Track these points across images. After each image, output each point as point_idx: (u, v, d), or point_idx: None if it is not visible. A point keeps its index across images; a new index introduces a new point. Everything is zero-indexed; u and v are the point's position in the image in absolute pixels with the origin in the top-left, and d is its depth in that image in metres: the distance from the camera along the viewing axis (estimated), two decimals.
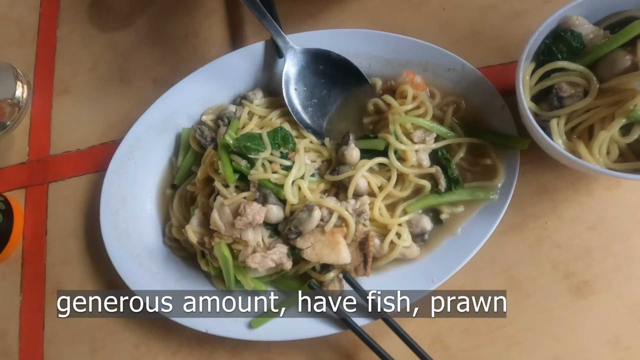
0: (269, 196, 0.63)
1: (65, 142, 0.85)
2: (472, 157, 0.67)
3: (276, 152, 0.65)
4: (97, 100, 0.86)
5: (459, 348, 0.63)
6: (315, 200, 0.62)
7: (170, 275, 0.69)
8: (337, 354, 0.65)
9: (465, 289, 0.64)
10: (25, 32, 0.95)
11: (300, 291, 0.64)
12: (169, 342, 0.70)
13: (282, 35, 0.71)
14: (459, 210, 0.65)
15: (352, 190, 0.63)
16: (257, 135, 0.65)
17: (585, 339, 0.61)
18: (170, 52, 0.86)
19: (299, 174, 0.64)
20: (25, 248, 0.80)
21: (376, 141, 0.65)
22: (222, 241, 0.63)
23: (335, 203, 0.62)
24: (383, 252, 0.63)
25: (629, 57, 0.56)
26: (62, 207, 0.81)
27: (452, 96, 0.68)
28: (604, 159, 0.57)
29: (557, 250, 0.64)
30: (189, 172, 0.74)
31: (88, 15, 0.93)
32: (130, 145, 0.74)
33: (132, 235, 0.71)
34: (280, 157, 0.65)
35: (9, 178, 0.85)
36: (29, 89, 0.89)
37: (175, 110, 0.75)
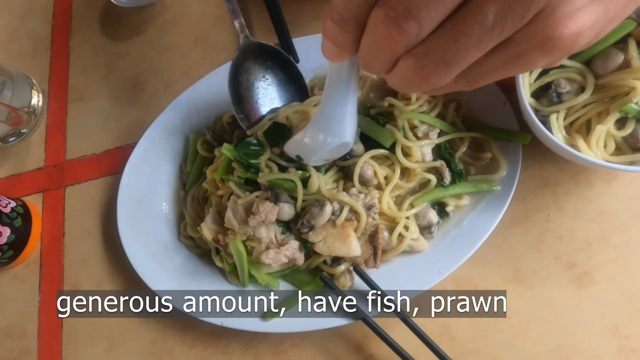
0: (280, 195, 0.65)
1: (81, 147, 0.87)
2: (475, 152, 0.69)
3: (277, 149, 0.67)
4: (111, 106, 0.89)
5: (466, 338, 0.65)
6: (330, 194, 0.65)
7: (186, 272, 0.71)
8: (348, 345, 0.67)
9: (472, 280, 0.67)
10: (39, 43, 0.97)
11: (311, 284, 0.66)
12: (184, 337, 0.72)
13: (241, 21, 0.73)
14: (464, 203, 0.67)
15: (357, 175, 0.65)
16: (254, 140, 0.67)
17: (586, 329, 0.63)
18: (180, 58, 0.89)
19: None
20: (44, 250, 0.82)
21: (384, 132, 0.66)
22: (237, 237, 0.65)
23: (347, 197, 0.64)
24: (392, 244, 0.65)
25: (622, 55, 0.59)
26: (79, 209, 0.83)
27: (453, 94, 0.70)
28: (602, 152, 0.59)
29: (559, 242, 0.66)
30: (199, 175, 0.76)
31: (100, 25, 0.96)
32: (145, 148, 0.77)
33: (148, 234, 0.74)
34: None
35: (26, 183, 0.87)
36: (44, 98, 0.92)
37: (188, 114, 0.78)
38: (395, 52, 0.34)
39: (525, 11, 0.30)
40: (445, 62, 0.33)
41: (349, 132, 0.57)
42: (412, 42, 0.32)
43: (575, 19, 0.31)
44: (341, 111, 0.54)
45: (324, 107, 0.56)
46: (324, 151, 0.60)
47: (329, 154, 0.63)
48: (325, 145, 0.58)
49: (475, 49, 0.32)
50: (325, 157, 0.64)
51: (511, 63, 0.34)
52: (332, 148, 0.59)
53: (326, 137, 0.58)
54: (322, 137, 0.58)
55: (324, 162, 0.66)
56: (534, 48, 0.32)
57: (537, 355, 0.63)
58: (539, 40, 0.32)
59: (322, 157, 0.64)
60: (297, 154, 0.64)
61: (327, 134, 0.57)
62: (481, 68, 0.34)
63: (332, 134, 0.57)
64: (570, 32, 0.32)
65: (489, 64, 0.34)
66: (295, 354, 0.68)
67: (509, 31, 0.31)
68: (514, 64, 0.34)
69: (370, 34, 0.34)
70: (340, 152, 0.63)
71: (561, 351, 0.62)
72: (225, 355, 0.70)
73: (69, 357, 0.76)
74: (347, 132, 0.57)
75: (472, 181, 0.67)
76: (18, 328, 0.79)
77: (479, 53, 0.32)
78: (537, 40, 0.32)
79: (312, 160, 0.64)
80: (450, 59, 0.32)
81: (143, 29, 0.93)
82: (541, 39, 0.32)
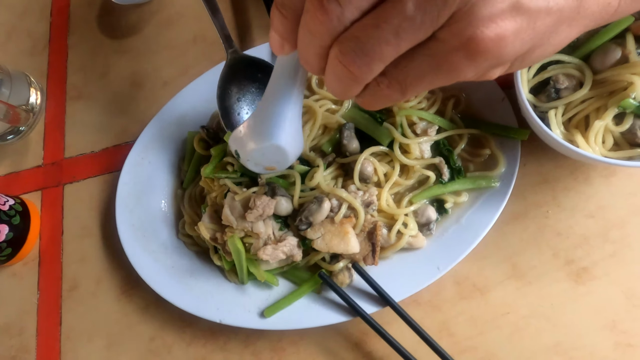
0: (277, 189, 0.65)
1: (79, 145, 0.87)
2: (473, 149, 0.69)
3: None
4: (109, 104, 0.89)
5: (464, 335, 0.65)
6: (329, 189, 0.65)
7: (184, 269, 0.72)
8: (347, 342, 0.67)
9: (470, 277, 0.67)
10: (37, 41, 0.98)
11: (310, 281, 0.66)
12: (183, 335, 0.72)
13: (228, 36, 0.72)
14: (462, 199, 0.67)
15: (357, 172, 0.65)
16: None
17: (584, 324, 0.63)
18: (178, 56, 0.89)
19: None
20: (42, 248, 0.82)
21: (382, 130, 0.67)
22: (235, 235, 0.65)
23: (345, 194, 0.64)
24: (390, 241, 0.65)
25: (620, 50, 0.59)
26: (78, 207, 0.83)
27: (452, 90, 0.70)
28: (600, 147, 0.59)
29: (558, 238, 0.66)
30: (196, 174, 0.76)
31: (98, 23, 0.96)
32: (144, 146, 0.77)
33: (147, 232, 0.74)
34: None
35: (25, 181, 0.87)
36: (42, 96, 0.92)
37: (186, 112, 0.78)
38: (323, 39, 0.35)
39: (443, 3, 0.31)
40: (365, 51, 0.33)
41: (284, 136, 0.52)
42: (336, 27, 0.33)
43: (496, 21, 0.32)
44: (279, 110, 0.51)
45: (262, 103, 0.52)
46: (256, 151, 0.55)
47: (265, 160, 0.58)
48: (257, 142, 0.54)
49: (395, 38, 0.32)
50: (262, 162, 0.59)
51: (438, 68, 0.34)
52: (266, 151, 0.55)
53: (258, 134, 0.53)
54: (253, 133, 0.54)
55: (262, 170, 0.61)
56: (457, 49, 0.33)
57: (535, 351, 0.63)
58: (461, 41, 0.32)
59: (259, 163, 0.59)
60: (235, 148, 0.59)
61: (259, 131, 0.53)
62: (408, 70, 0.35)
63: (264, 133, 0.53)
64: (492, 34, 0.32)
65: (416, 66, 0.35)
66: (294, 351, 0.68)
67: (429, 24, 0.32)
68: (441, 69, 0.35)
69: (303, 19, 0.35)
70: (279, 162, 0.58)
71: (559, 347, 0.62)
72: (224, 352, 0.70)
73: (68, 353, 0.76)
74: (281, 135, 0.52)
75: (470, 178, 0.67)
76: (17, 326, 0.79)
77: (399, 45, 0.33)
78: (460, 41, 0.32)
79: (248, 164, 0.59)
80: (371, 47, 0.33)
81: (141, 27, 0.93)
82: (463, 39, 0.32)
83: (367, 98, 0.39)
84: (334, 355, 0.67)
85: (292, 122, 0.52)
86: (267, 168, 0.60)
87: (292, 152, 0.55)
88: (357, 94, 0.39)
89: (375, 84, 0.37)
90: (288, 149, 0.54)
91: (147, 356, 0.72)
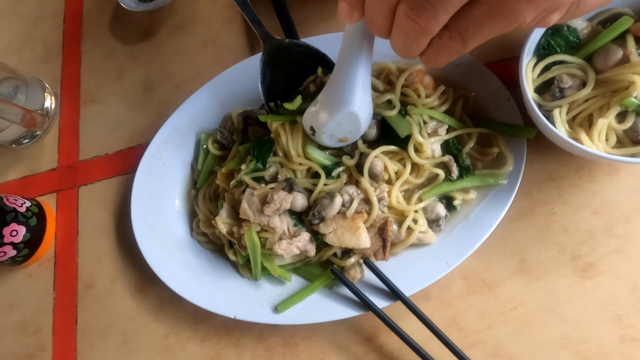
0: (294, 185, 0.67)
1: (94, 148, 0.89)
2: (482, 147, 0.70)
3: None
4: (122, 108, 0.91)
5: (473, 329, 0.66)
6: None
7: (199, 267, 0.73)
8: (358, 336, 0.69)
9: (478, 272, 0.68)
10: (50, 48, 1.00)
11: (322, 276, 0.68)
12: (197, 331, 0.74)
13: (261, 25, 0.73)
14: (471, 196, 0.68)
15: (367, 169, 0.66)
16: (267, 141, 0.70)
17: (590, 319, 0.64)
18: (190, 60, 0.91)
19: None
20: (58, 248, 0.84)
21: (403, 122, 0.67)
22: (252, 228, 0.67)
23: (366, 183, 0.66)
24: (401, 237, 0.67)
25: (621, 50, 0.61)
26: (93, 208, 0.85)
27: (461, 90, 0.72)
28: (604, 145, 0.61)
29: (564, 234, 0.68)
30: (210, 174, 0.78)
31: (110, 29, 0.98)
32: (158, 147, 0.79)
33: (161, 230, 0.75)
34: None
35: (40, 183, 0.89)
36: (57, 100, 0.94)
37: (198, 114, 0.80)
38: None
39: None
40: (431, 2, 0.35)
41: (358, 103, 0.56)
42: None
43: None
44: (350, 78, 0.54)
45: (334, 74, 0.55)
46: (331, 121, 0.59)
47: (339, 131, 0.62)
48: (332, 113, 0.57)
49: None
50: (336, 134, 0.63)
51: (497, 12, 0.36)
52: (341, 121, 0.58)
53: (332, 105, 0.56)
54: (327, 106, 0.57)
55: (336, 142, 0.66)
56: None
57: (542, 345, 0.64)
58: None
59: (333, 135, 0.63)
60: (310, 125, 0.64)
61: (333, 101, 0.56)
62: (469, 20, 0.37)
63: (338, 102, 0.56)
64: None
65: (476, 14, 0.36)
66: (306, 345, 0.70)
67: None
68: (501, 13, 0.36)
69: None
70: (352, 132, 0.63)
71: (566, 340, 0.64)
72: (237, 348, 0.72)
73: (84, 351, 0.77)
74: (355, 102, 0.56)
75: (478, 175, 0.69)
76: (33, 324, 0.80)
77: None
78: None
79: (323, 137, 0.64)
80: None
81: (153, 32, 0.95)
82: None
83: (431, 53, 0.41)
84: (345, 349, 0.68)
85: (364, 89, 0.55)
86: (340, 140, 0.64)
87: (364, 120, 0.58)
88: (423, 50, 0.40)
89: (438, 37, 0.39)
90: (361, 117, 0.57)
91: (162, 352, 0.74)
